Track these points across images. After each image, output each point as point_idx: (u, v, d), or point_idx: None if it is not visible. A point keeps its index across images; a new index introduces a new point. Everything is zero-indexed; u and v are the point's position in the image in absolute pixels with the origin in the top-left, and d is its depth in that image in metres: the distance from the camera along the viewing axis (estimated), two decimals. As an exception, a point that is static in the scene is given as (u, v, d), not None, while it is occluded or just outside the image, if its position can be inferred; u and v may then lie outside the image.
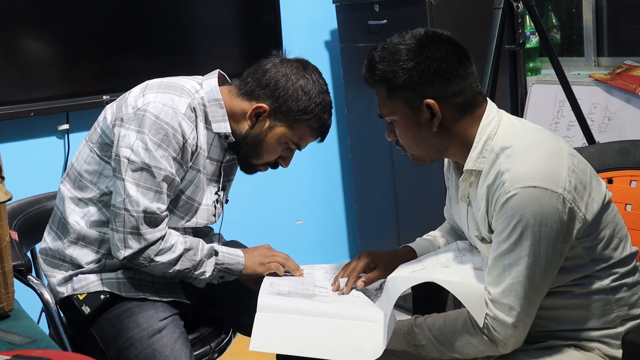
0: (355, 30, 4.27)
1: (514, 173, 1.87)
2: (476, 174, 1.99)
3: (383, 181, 4.32)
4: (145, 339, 2.22)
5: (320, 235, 4.69)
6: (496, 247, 1.91)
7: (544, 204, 1.84)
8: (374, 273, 2.20)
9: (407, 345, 2.04)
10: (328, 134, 2.43)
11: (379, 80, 1.99)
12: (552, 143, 1.96)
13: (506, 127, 1.99)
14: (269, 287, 2.19)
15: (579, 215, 1.89)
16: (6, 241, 1.81)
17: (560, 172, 1.88)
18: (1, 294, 1.81)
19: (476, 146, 1.98)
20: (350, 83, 4.41)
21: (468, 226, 2.12)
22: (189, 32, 4.10)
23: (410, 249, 2.30)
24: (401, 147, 2.08)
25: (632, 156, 2.33)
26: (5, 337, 1.73)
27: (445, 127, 1.98)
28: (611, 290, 1.98)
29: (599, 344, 1.99)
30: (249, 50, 4.30)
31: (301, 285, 2.21)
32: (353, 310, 2.06)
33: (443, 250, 2.23)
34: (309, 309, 2.05)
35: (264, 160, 2.42)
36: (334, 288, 2.19)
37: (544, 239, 1.85)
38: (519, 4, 3.16)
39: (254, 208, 4.43)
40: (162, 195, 2.22)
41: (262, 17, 4.29)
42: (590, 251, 1.95)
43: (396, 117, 2.02)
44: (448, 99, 1.97)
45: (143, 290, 2.32)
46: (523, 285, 1.87)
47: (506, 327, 1.88)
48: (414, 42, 1.97)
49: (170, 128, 2.21)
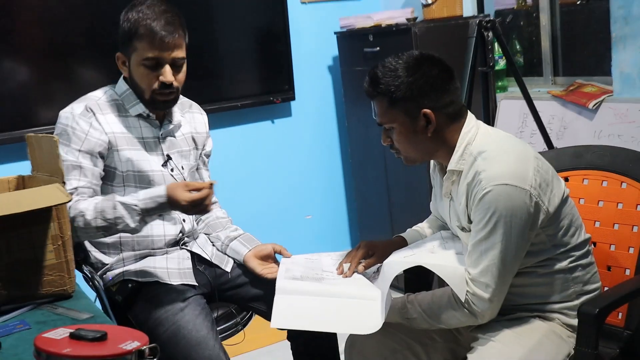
0: (354, 57, 4.27)
1: (489, 173, 1.88)
2: (457, 174, 2.00)
3: (378, 182, 4.32)
4: (170, 317, 2.19)
5: (326, 227, 4.68)
6: (474, 235, 1.92)
7: (514, 198, 1.85)
8: (372, 259, 2.20)
9: (401, 318, 2.05)
10: (167, 39, 2.25)
11: (381, 93, 1.98)
12: (521, 148, 1.97)
13: (483, 135, 2.00)
14: (284, 272, 2.18)
15: (543, 208, 1.91)
16: (68, 235, 1.83)
17: (527, 172, 1.89)
18: (65, 278, 1.83)
19: (458, 150, 1.98)
20: (349, 101, 4.41)
21: (450, 218, 2.12)
22: (214, 60, 4.12)
23: (402, 238, 2.30)
24: (396, 150, 2.07)
25: (584, 159, 2.33)
26: (68, 314, 1.74)
27: (438, 133, 1.99)
28: (569, 270, 1.99)
29: (559, 314, 2.00)
30: (264, 74, 4.31)
31: (311, 270, 2.21)
32: (355, 290, 2.07)
33: (429, 239, 2.22)
34: (319, 290, 2.06)
35: (147, 88, 2.30)
36: (338, 272, 2.19)
37: (514, 227, 1.87)
38: (489, 33, 3.17)
39: (269, 205, 4.43)
40: (70, 179, 2.19)
41: (274, 47, 4.29)
42: (552, 238, 1.97)
43: (395, 125, 2.00)
44: (441, 109, 1.98)
45: (157, 275, 2.30)
46: (497, 266, 1.88)
47: (483, 302, 1.89)
48: (412, 61, 1.98)
49: (68, 127, 2.25)
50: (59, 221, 1.79)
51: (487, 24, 3.17)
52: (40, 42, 3.57)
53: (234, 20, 4.12)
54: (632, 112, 3.39)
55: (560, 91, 3.76)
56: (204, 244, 2.50)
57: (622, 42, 3.37)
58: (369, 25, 4.12)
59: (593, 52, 3.91)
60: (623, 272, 2.18)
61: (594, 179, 2.28)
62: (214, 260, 2.46)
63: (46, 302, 1.81)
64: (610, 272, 2.21)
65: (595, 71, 3.81)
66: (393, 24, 3.98)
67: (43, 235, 1.78)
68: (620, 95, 3.45)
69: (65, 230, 1.81)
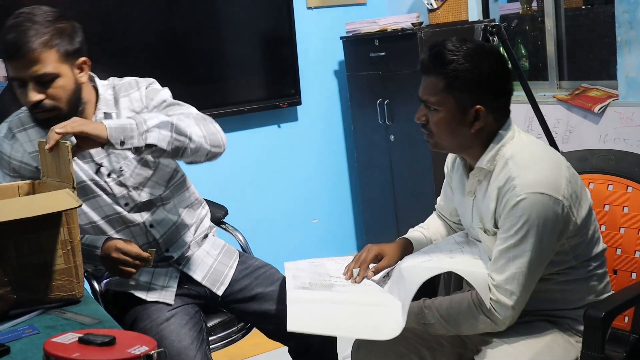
0: (359, 61, 4.28)
1: (524, 179, 1.84)
2: (485, 173, 1.95)
3: (384, 186, 4.32)
4: (155, 327, 2.14)
5: (332, 231, 4.69)
6: (503, 241, 1.87)
7: (548, 208, 1.82)
8: (382, 263, 2.15)
9: (417, 323, 2.01)
10: (20, 50, 1.97)
11: (442, 73, 1.88)
12: (554, 156, 1.94)
13: (516, 139, 1.95)
14: (292, 280, 2.11)
15: (572, 219, 1.88)
16: (77, 240, 1.83)
17: (561, 181, 1.86)
18: (73, 283, 1.83)
19: (490, 150, 1.93)
20: (355, 105, 4.41)
21: (472, 218, 2.06)
22: (220, 65, 4.13)
23: (407, 240, 2.26)
24: (428, 131, 1.97)
25: (590, 163, 2.33)
26: (77, 319, 1.74)
27: (480, 131, 1.92)
28: (585, 279, 1.98)
29: (569, 320, 1.98)
30: (270, 79, 4.34)
31: (318, 276, 2.15)
32: (369, 298, 2.02)
33: (444, 243, 2.17)
34: (332, 298, 2.00)
35: (26, 107, 2.10)
36: (347, 277, 2.14)
37: (544, 237, 1.83)
38: (495, 38, 3.18)
39: (276, 208, 4.45)
40: None
41: (281, 52, 4.31)
42: (574, 248, 1.94)
43: (442, 109, 1.90)
44: (493, 109, 1.92)
45: (136, 289, 2.24)
46: (524, 274, 1.84)
47: (506, 309, 1.86)
48: (481, 52, 1.90)
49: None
50: (68, 226, 1.79)
51: (493, 29, 3.18)
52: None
53: (241, 25, 4.14)
54: (638, 116, 3.39)
55: (566, 95, 3.76)
56: (199, 262, 2.36)
57: (628, 46, 3.37)
58: (374, 30, 4.12)
59: (598, 56, 3.91)
60: (629, 276, 2.18)
61: (600, 182, 2.28)
62: (206, 282, 2.33)
63: (54, 307, 1.82)
64: (616, 275, 2.21)
65: (601, 75, 3.82)
66: (399, 29, 3.99)
67: (52, 240, 1.79)
68: (625, 99, 3.45)
69: (74, 235, 1.81)
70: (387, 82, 4.08)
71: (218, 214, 2.73)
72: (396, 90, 4.02)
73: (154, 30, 3.92)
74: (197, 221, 2.39)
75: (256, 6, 4.20)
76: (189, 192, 2.38)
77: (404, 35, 3.91)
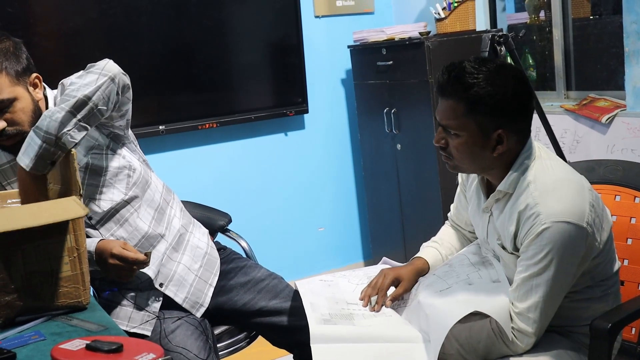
0: (366, 70, 4.28)
1: (549, 208, 1.80)
2: (504, 194, 1.92)
3: (391, 195, 4.31)
4: (158, 340, 2.12)
5: (339, 239, 4.66)
6: (525, 269, 1.84)
7: (573, 236, 1.79)
8: (399, 290, 2.10)
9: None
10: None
11: (462, 98, 1.81)
12: (577, 179, 1.89)
13: (538, 161, 1.90)
14: (312, 312, 2.02)
15: (595, 244, 1.86)
16: (83, 247, 1.83)
17: (584, 207, 1.81)
18: (80, 290, 1.84)
19: (512, 173, 1.88)
20: (362, 113, 4.41)
21: (488, 234, 2.04)
22: (229, 73, 4.14)
23: (423, 259, 2.20)
24: (448, 154, 1.91)
25: (597, 173, 2.32)
26: (83, 326, 1.74)
27: (502, 154, 1.87)
28: (598, 299, 1.95)
29: (579, 334, 1.97)
30: (278, 87, 4.34)
31: (335, 304, 2.08)
32: (391, 331, 1.98)
33: (459, 264, 2.11)
34: (356, 335, 1.95)
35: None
36: (364, 304, 2.08)
37: (568, 264, 1.82)
38: (502, 48, 3.18)
39: (282, 217, 4.45)
40: None
41: (288, 60, 4.32)
42: (592, 269, 1.92)
43: (463, 134, 1.84)
44: (516, 132, 1.86)
45: (119, 315, 2.21)
46: (546, 302, 1.83)
47: (528, 337, 1.85)
48: (502, 74, 1.82)
49: None
50: (74, 233, 1.79)
51: (500, 39, 3.18)
52: (55, 54, 3.60)
53: (248, 33, 4.15)
54: (645, 127, 3.38)
55: (573, 105, 3.76)
56: (180, 282, 2.28)
57: (635, 57, 3.37)
58: (382, 39, 4.13)
59: (606, 66, 3.91)
60: (636, 287, 2.17)
61: (607, 193, 2.27)
62: (186, 304, 2.26)
63: (61, 314, 1.82)
64: (624, 286, 2.20)
65: (608, 85, 3.81)
66: (406, 38, 3.99)
67: (59, 247, 1.79)
68: (633, 109, 3.45)
69: (81, 242, 1.81)
70: (394, 91, 4.08)
71: (222, 222, 2.72)
72: (403, 99, 4.03)
73: (162, 39, 3.93)
74: (168, 225, 2.31)
75: (264, 15, 4.21)
76: (152, 191, 2.30)
77: (411, 44, 3.92)
